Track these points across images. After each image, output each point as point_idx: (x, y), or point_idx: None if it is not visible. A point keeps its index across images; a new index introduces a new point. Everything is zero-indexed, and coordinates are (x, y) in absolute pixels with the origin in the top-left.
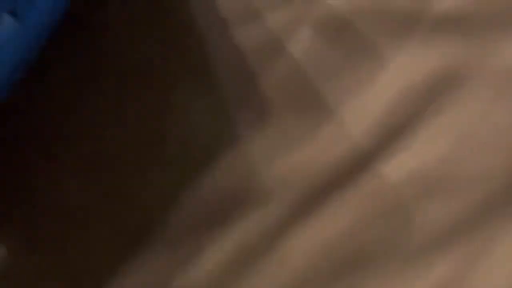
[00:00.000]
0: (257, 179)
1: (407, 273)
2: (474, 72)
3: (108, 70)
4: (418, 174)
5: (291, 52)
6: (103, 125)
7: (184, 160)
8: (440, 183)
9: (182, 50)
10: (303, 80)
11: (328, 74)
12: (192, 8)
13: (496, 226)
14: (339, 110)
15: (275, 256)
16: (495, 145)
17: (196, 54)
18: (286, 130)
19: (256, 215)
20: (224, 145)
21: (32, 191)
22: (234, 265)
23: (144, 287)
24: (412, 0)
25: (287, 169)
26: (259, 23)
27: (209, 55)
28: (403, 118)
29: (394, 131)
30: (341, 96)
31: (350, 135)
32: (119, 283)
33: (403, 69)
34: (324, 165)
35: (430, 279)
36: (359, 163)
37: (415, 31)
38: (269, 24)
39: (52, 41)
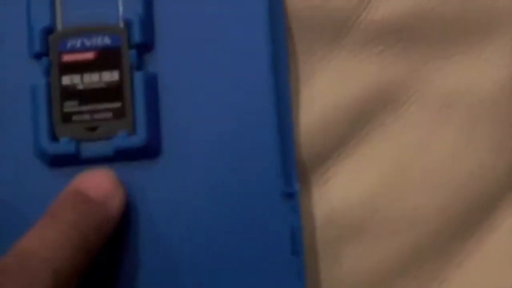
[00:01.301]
0: None
1: None
2: (411, 94)
3: None
4: (342, 212)
5: None
6: None
7: None
8: (367, 223)
9: None
10: None
11: None
12: None
13: (428, 277)
14: None
15: None
16: (430, 181)
17: None
18: None
19: None
20: None
21: None
22: None
23: None
24: (345, 4)
25: None
26: None
27: None
28: (325, 146)
29: (314, 161)
30: None
31: None
32: None
33: (328, 86)
34: None
35: None
36: None
37: (344, 40)
38: None
39: None
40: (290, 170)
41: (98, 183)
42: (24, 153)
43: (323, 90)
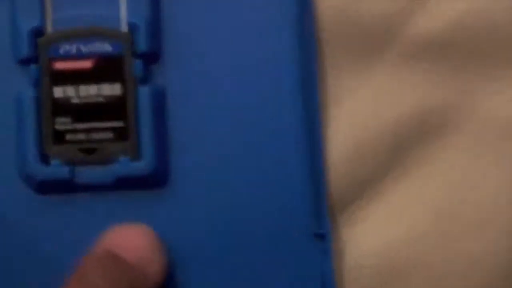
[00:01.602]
0: None
1: None
2: (461, 120)
3: None
4: (374, 259)
5: None
6: None
7: None
8: (406, 272)
9: None
10: None
11: None
12: None
13: None
14: None
15: None
16: (487, 222)
17: None
18: None
19: None
20: None
21: None
22: None
23: None
24: (383, 12)
25: None
26: None
27: None
28: (357, 180)
29: (343, 198)
30: None
31: None
32: None
33: (361, 109)
34: None
35: None
36: None
37: (382, 56)
38: None
39: None
40: (320, 208)
41: (136, 242)
42: (7, 176)
43: (355, 114)
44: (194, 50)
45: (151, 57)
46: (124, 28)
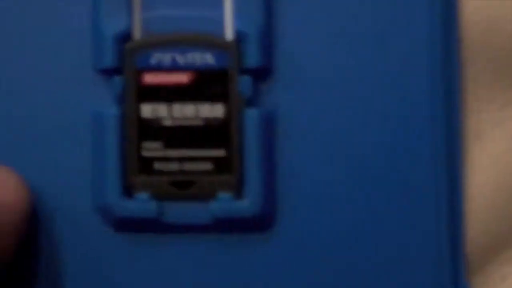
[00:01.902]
0: None
1: None
2: None
3: None
4: None
5: None
6: None
7: None
8: None
9: None
10: None
11: None
12: None
13: None
14: None
15: None
16: None
17: None
18: None
19: None
20: None
21: None
22: None
23: None
24: None
25: None
26: None
27: None
28: (503, 227)
29: (486, 247)
30: None
31: None
32: None
33: (509, 148)
34: None
35: None
36: None
37: None
38: None
39: None
40: (456, 264)
41: None
42: (81, 209)
43: (502, 154)
44: (312, 66)
45: (262, 73)
46: (229, 36)
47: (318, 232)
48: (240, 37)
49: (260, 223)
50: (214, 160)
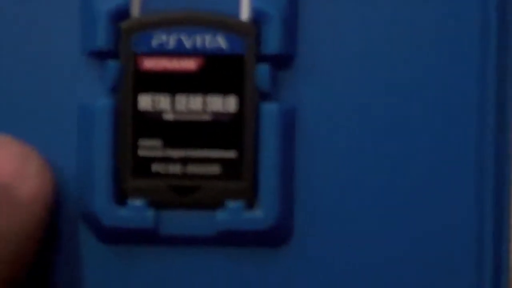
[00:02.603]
0: None
1: None
2: None
3: None
4: None
5: None
6: None
7: None
8: None
9: None
10: None
11: None
12: None
13: None
14: None
15: None
16: None
17: None
18: None
19: None
20: None
21: None
22: None
23: None
24: None
25: None
26: None
27: None
28: None
29: None
30: None
31: None
32: None
33: None
34: None
35: None
36: None
37: None
38: None
39: None
40: (499, 268)
41: None
42: (65, 217)
43: None
44: (342, 55)
45: (283, 62)
46: (246, 15)
47: (341, 249)
48: (258, 17)
49: (275, 237)
50: (223, 162)
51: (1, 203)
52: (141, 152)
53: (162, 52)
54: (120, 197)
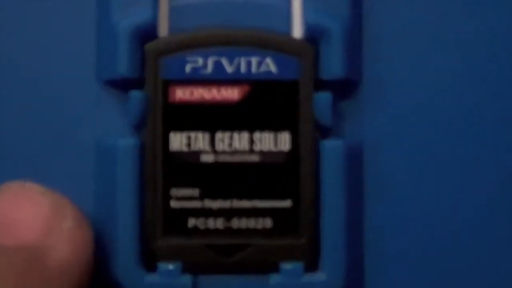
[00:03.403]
0: None
1: None
2: None
3: None
4: None
5: None
6: None
7: None
8: None
9: None
10: None
11: None
12: None
13: None
14: None
15: None
16: None
17: None
18: None
19: None
20: None
21: None
22: None
23: None
24: None
25: None
26: None
27: None
28: None
29: None
30: None
31: None
32: None
33: None
34: None
35: None
36: None
37: None
38: None
39: None
40: None
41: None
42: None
43: None
44: (417, 79)
45: (346, 89)
46: (299, 33)
47: None
48: (314, 34)
49: None
50: (276, 214)
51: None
52: (174, 204)
53: (198, 79)
54: (149, 260)
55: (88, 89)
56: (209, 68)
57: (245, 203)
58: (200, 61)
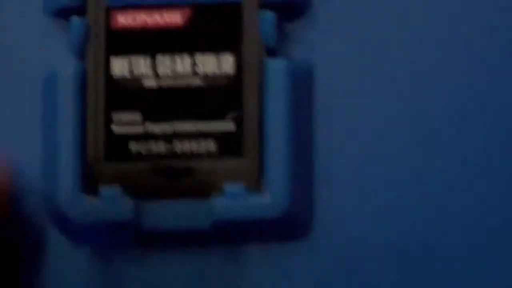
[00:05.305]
0: None
1: None
2: None
3: None
4: None
5: None
6: None
7: None
8: None
9: None
10: None
11: None
12: None
13: None
14: None
15: None
16: None
17: None
18: None
19: None
20: None
21: None
22: None
23: None
24: None
25: None
26: None
27: None
28: None
29: None
30: None
31: None
32: None
33: None
34: None
35: None
36: None
37: None
38: None
39: None
40: None
41: None
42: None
43: None
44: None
45: (291, 9)
46: None
47: (371, 242)
48: None
49: (288, 228)
50: (220, 137)
51: None
52: (116, 129)
53: (140, 4)
54: (90, 185)
55: (36, 21)
56: None
57: (188, 126)
58: None
